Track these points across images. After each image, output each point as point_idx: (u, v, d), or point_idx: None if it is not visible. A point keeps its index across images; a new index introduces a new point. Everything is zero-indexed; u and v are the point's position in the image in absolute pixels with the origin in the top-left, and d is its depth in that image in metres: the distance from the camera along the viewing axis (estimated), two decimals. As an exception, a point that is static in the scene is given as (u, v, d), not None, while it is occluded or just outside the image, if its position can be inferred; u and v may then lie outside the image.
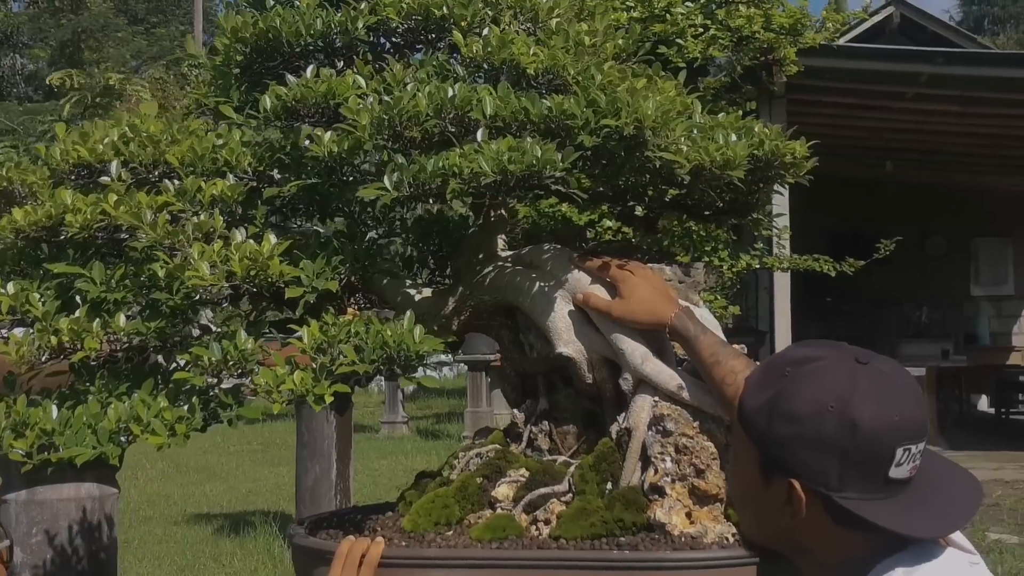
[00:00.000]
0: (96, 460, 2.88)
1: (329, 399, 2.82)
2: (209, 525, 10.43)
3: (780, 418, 2.00)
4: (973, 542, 2.13)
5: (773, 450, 2.02)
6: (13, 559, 4.65)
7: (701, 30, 7.59)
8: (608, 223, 6.38)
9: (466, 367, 17.98)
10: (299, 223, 3.51)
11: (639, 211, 3.80)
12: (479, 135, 2.83)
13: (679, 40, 7.41)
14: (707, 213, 3.44)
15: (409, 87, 2.85)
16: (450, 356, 19.38)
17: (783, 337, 12.53)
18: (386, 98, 2.81)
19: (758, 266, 7.85)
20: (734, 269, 7.09)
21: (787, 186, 3.38)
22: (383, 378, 18.86)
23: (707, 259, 6.72)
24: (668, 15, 7.38)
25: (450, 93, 2.84)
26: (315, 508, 9.08)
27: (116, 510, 4.85)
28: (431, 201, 2.83)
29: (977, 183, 18.12)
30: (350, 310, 3.59)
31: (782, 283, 12.16)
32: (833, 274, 9.28)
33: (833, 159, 17.27)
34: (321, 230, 3.34)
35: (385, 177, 2.78)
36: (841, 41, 14.95)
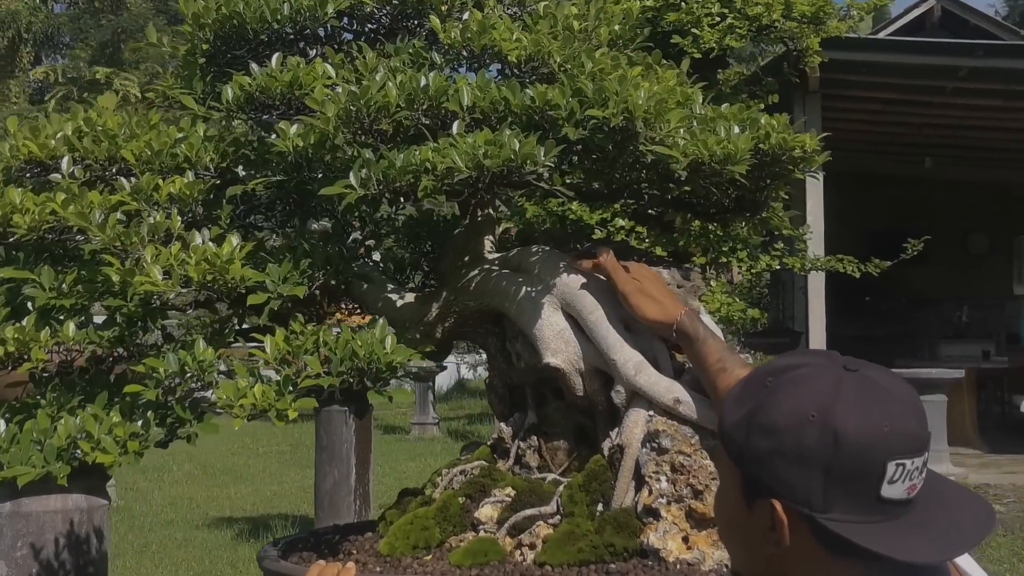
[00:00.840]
0: (44, 477, 2.68)
1: (293, 415, 2.60)
2: (230, 529, 10.25)
3: (758, 431, 1.76)
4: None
5: (752, 468, 1.78)
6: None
7: (718, 19, 7.31)
8: (621, 222, 6.13)
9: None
10: (277, 223, 3.30)
11: (653, 210, 3.57)
12: (455, 128, 2.60)
13: (694, 30, 7.14)
14: (713, 211, 3.20)
15: (379, 76, 2.62)
16: (483, 355, 19.16)
17: (817, 338, 12.21)
18: (353, 88, 2.58)
19: (778, 267, 7.56)
20: (753, 270, 6.81)
21: (823, 179, 3.12)
22: (413, 382, 18.70)
23: (725, 259, 6.46)
24: (683, 3, 7.11)
25: (423, 82, 2.61)
26: (334, 513, 8.89)
27: (106, 522, 4.64)
28: (402, 200, 2.60)
29: (1021, 179, 17.71)
30: (340, 314, 3.38)
31: (816, 283, 11.84)
32: (857, 275, 8.98)
33: (872, 156, 16.97)
34: (290, 232, 3.12)
35: (351, 174, 2.56)
36: (881, 35, 14.64)
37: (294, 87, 2.70)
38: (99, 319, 2.88)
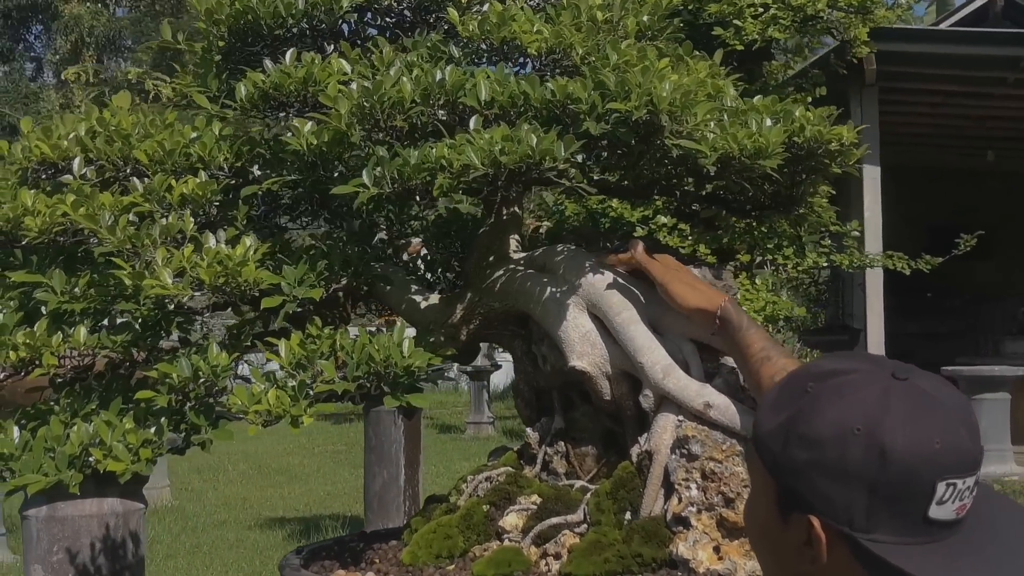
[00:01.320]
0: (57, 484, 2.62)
1: (308, 421, 2.53)
2: (282, 530, 10.23)
3: (797, 441, 1.62)
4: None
5: (789, 480, 1.64)
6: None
7: (760, 10, 7.14)
8: (663, 219, 6.00)
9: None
10: (302, 224, 3.23)
11: (686, 207, 3.46)
12: (472, 123, 2.51)
13: (736, 21, 6.97)
14: (748, 208, 3.09)
15: (393, 71, 2.53)
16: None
17: (875, 335, 12.01)
18: (366, 84, 2.50)
19: (825, 264, 7.38)
20: (800, 267, 6.65)
21: (881, 174, 3.00)
22: (468, 378, 18.59)
23: (771, 257, 6.31)
24: (725, -7, 6.98)
25: (439, 77, 2.52)
26: (383, 514, 8.84)
27: (142, 527, 4.61)
28: (418, 199, 2.51)
29: (1087, 172, 17.37)
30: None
31: (874, 279, 11.62)
32: (907, 272, 8.76)
33: (933, 149, 16.69)
34: (304, 232, 3.05)
35: (364, 172, 2.47)
36: (942, 26, 14.36)
37: (308, 84, 2.62)
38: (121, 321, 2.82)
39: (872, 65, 11.02)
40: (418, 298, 3.03)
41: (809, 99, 7.16)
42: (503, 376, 22.72)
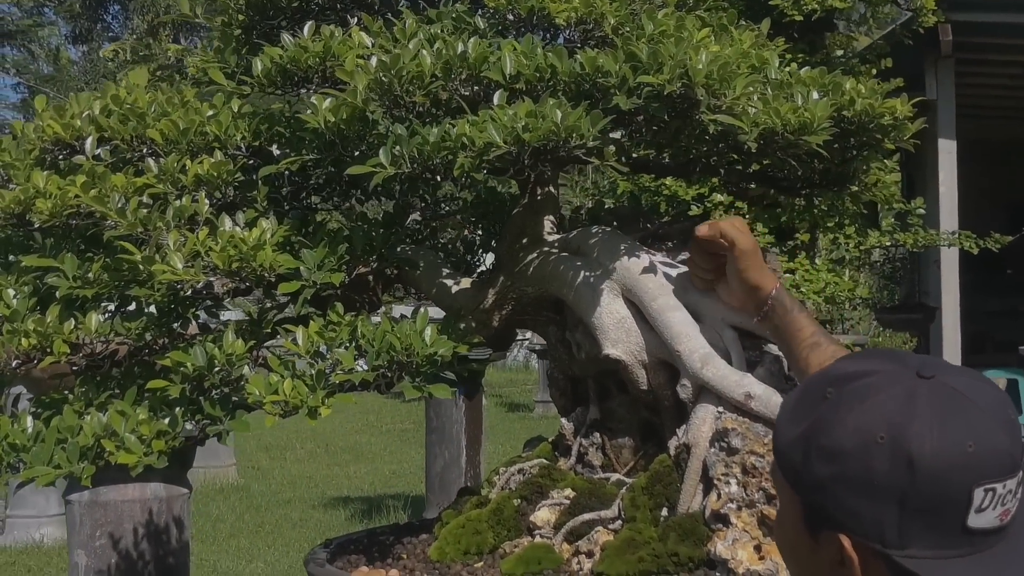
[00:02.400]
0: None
1: (326, 412, 2.41)
2: (345, 510, 10.19)
3: (819, 454, 1.47)
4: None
5: (814, 496, 1.49)
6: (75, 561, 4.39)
7: (820, -21, 6.93)
8: (719, 197, 5.81)
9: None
10: (335, 204, 3.11)
11: (733, 186, 3.29)
12: (496, 99, 2.38)
13: (795, -9, 6.77)
14: (797, 186, 2.92)
15: (412, 44, 2.40)
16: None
17: (951, 314, 11.69)
18: (384, 58, 2.37)
19: (889, 243, 7.13)
20: (862, 247, 6.41)
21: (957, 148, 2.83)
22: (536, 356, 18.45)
23: (832, 235, 6.10)
24: (783, -37, 6.74)
25: (461, 49, 2.39)
26: (444, 496, 8.74)
27: (186, 512, 4.54)
28: (438, 178, 2.38)
29: None
30: None
31: (949, 256, 11.31)
32: (975, 251, 8.49)
33: (1015, 123, 16.24)
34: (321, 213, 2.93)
35: (382, 151, 2.35)
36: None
37: (327, 58, 2.50)
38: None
39: (948, 36, 10.69)
40: (449, 282, 2.90)
41: (874, 71, 6.95)
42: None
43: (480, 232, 3.34)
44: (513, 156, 2.29)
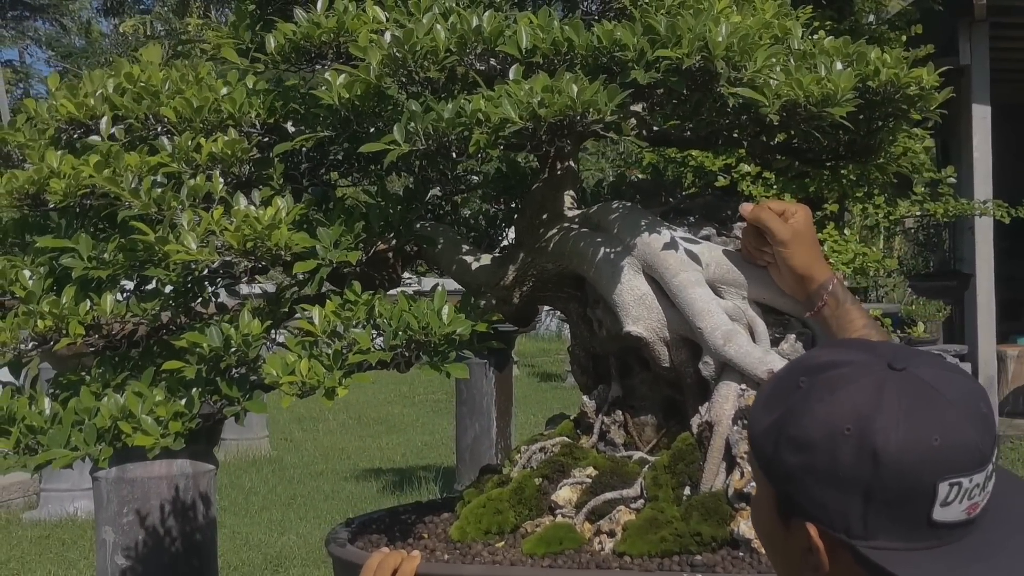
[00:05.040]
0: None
1: (343, 392, 2.39)
2: (377, 481, 10.21)
3: (787, 443, 1.46)
4: None
5: (783, 485, 1.48)
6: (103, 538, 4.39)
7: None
8: (746, 167, 5.73)
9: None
10: (354, 180, 3.08)
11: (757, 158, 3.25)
12: (512, 74, 2.34)
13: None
14: (822, 158, 2.87)
15: (426, 18, 2.36)
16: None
17: (984, 281, 11.56)
18: (397, 33, 2.33)
19: (919, 213, 7.04)
20: (891, 216, 6.32)
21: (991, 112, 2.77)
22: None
23: (861, 205, 6.01)
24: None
25: (475, 23, 2.35)
26: (474, 467, 8.73)
27: (213, 488, 4.54)
28: (454, 155, 2.35)
29: None
30: None
31: (984, 223, 11.20)
32: (1007, 220, 8.39)
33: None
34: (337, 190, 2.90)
35: (396, 128, 2.31)
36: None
37: (340, 34, 2.46)
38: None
39: (983, 0, 10.56)
40: (469, 259, 2.87)
41: (904, 38, 6.85)
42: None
43: (502, 206, 3.31)
44: (529, 132, 2.26)
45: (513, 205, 3.23)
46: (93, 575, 7.89)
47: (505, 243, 3.21)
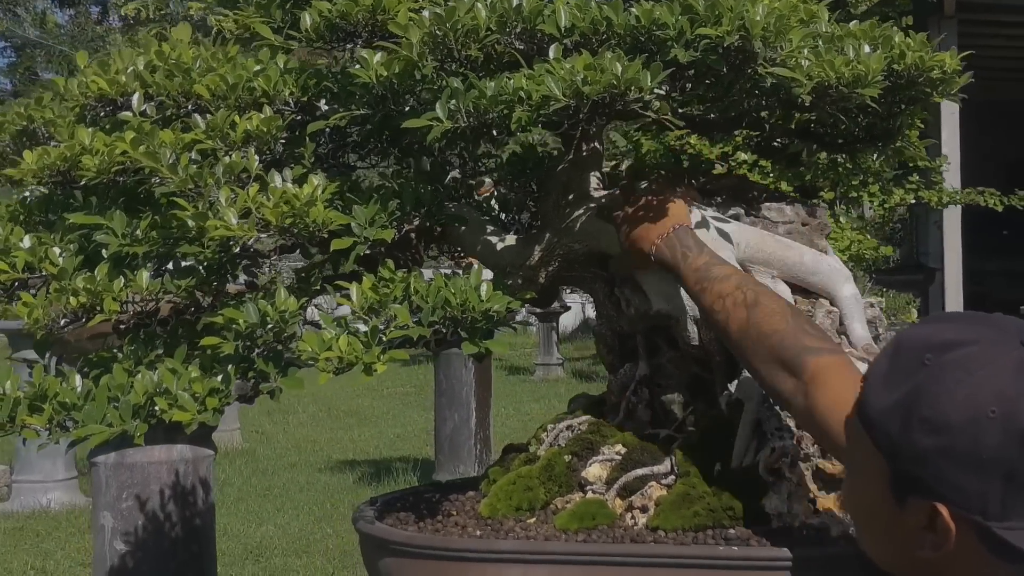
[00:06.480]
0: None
1: (381, 368, 2.40)
2: (352, 472, 10.22)
3: (921, 426, 1.45)
4: None
5: (911, 467, 1.47)
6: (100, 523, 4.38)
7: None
8: (743, 155, 5.78)
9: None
10: (372, 162, 3.09)
11: (777, 142, 3.29)
12: (551, 53, 2.36)
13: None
14: (840, 142, 2.91)
15: (468, -3, 2.38)
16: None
17: (953, 275, 11.71)
18: (438, 11, 2.35)
19: (912, 201, 7.09)
20: (886, 205, 6.38)
21: (960, 109, 2.83)
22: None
23: (855, 194, 6.07)
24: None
25: (516, 2, 2.37)
26: (454, 458, 8.79)
27: (211, 473, 4.53)
28: (495, 133, 2.37)
29: None
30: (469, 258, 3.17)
31: (952, 217, 11.33)
32: (1000, 208, 8.49)
33: (1013, 84, 16.24)
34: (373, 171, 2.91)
35: (438, 105, 2.33)
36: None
37: (377, 11, 2.47)
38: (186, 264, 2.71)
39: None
40: (494, 239, 2.89)
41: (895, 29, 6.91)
42: (572, 317, 22.59)
43: (515, 190, 3.32)
44: (571, 110, 2.28)
45: (529, 188, 3.25)
46: (70, 565, 7.88)
47: (516, 226, 3.23)
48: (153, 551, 4.39)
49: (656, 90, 2.33)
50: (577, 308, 24.25)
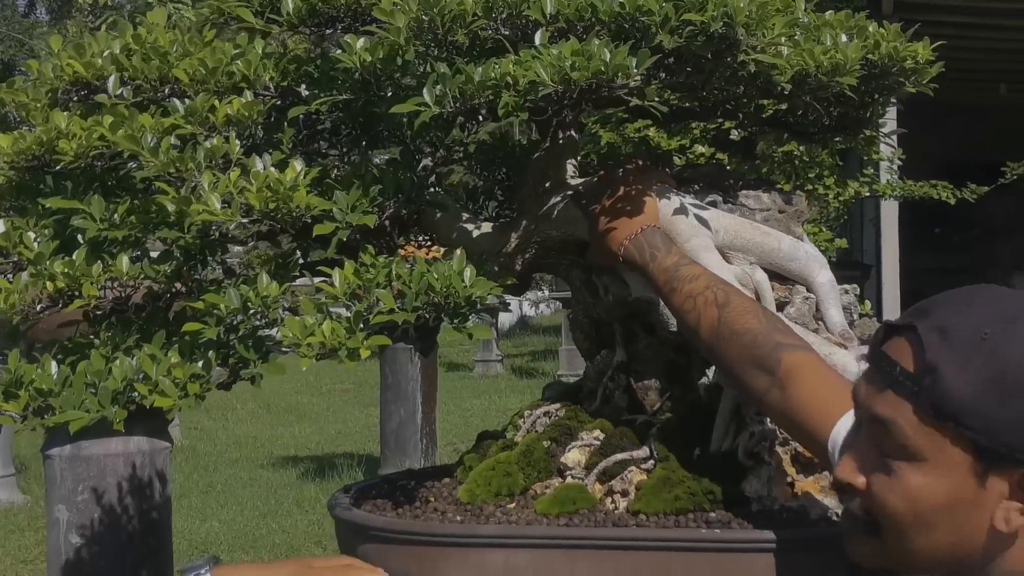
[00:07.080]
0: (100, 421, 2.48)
1: (365, 353, 2.39)
2: (295, 469, 10.17)
3: (1016, 392, 1.49)
4: None
5: (1011, 438, 1.51)
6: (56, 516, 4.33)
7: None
8: (700, 148, 5.83)
9: (561, 304, 17.60)
10: (343, 150, 3.08)
11: (735, 135, 3.32)
12: (536, 38, 2.37)
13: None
14: (812, 131, 2.95)
15: (452, -17, 2.38)
16: (545, 292, 18.94)
17: (890, 271, 11.86)
18: (422, -4, 2.35)
19: (867, 194, 7.18)
20: (840, 198, 6.46)
21: (897, 108, 2.88)
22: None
23: (810, 187, 6.13)
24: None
25: (501, -12, 2.37)
26: (400, 452, 8.77)
27: (168, 465, 4.49)
28: (481, 119, 2.37)
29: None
30: (409, 247, 3.16)
31: (889, 213, 11.48)
32: (952, 202, 8.61)
33: (945, 83, 16.43)
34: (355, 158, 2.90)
35: (425, 90, 2.33)
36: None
37: (360, -4, 2.47)
38: (155, 253, 2.68)
39: (890, -5, 10.84)
40: (470, 226, 2.89)
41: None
42: (510, 315, 22.61)
43: (483, 180, 3.32)
44: (558, 96, 2.29)
45: (499, 177, 3.25)
46: (12, 563, 7.78)
47: (485, 215, 3.23)
48: (110, 544, 4.35)
49: (639, 77, 2.35)
50: (515, 305, 24.32)
